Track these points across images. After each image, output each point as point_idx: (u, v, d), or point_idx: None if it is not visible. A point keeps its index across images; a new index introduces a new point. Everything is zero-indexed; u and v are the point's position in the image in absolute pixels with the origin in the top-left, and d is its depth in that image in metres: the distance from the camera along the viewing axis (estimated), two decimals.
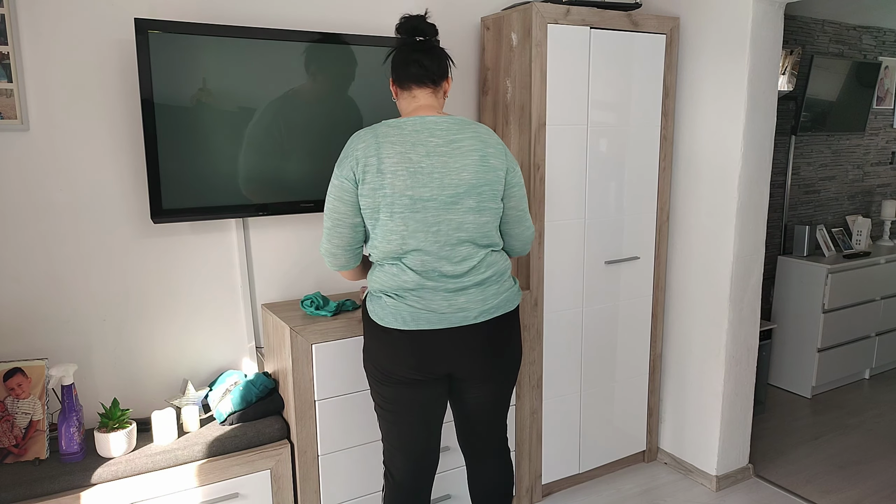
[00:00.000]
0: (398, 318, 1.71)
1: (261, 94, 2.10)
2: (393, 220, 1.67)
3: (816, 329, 3.60)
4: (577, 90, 2.44)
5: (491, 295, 1.76)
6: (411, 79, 1.76)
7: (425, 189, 1.67)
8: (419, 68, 1.75)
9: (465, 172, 1.69)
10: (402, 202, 1.66)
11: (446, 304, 1.71)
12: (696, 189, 2.67)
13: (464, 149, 1.70)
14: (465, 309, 1.73)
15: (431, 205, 1.68)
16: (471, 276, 1.73)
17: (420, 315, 1.71)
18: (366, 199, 1.68)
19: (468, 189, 1.70)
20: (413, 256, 1.70)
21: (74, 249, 2.04)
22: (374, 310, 1.76)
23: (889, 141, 4.43)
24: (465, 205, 1.70)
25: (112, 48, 2.00)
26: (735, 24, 2.45)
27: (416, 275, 1.70)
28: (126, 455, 1.90)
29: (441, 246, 1.70)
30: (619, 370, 2.78)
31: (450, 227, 1.70)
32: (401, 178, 1.66)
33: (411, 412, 1.81)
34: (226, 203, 2.11)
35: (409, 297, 1.71)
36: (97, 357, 2.11)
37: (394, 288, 1.72)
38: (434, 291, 1.71)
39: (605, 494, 2.71)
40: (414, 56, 1.75)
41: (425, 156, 1.67)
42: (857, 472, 2.89)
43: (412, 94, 1.78)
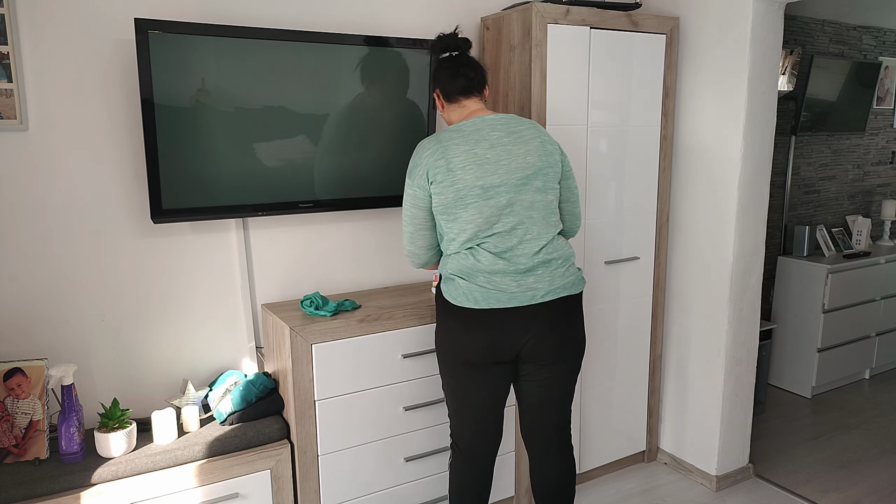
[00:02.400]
0: (470, 298, 1.83)
1: (261, 95, 2.10)
2: (468, 211, 1.82)
3: (816, 329, 3.60)
4: (577, 90, 2.44)
5: (558, 276, 1.88)
6: (459, 91, 1.93)
7: (494, 177, 1.82)
8: (466, 80, 1.92)
9: (530, 156, 1.85)
10: (474, 193, 1.81)
11: (515, 284, 1.82)
12: (696, 189, 2.67)
13: (525, 136, 1.87)
14: (534, 288, 1.84)
15: (503, 189, 1.82)
16: (540, 256, 1.85)
17: (491, 295, 1.82)
18: (439, 196, 1.83)
19: (535, 171, 1.85)
20: (488, 241, 1.83)
21: (74, 249, 2.04)
22: (448, 290, 1.88)
23: (889, 141, 4.43)
24: (534, 185, 1.85)
25: (112, 48, 2.00)
26: (735, 24, 2.45)
27: (490, 257, 1.82)
28: (126, 455, 1.90)
29: (514, 227, 1.83)
30: (619, 370, 2.78)
31: (522, 207, 1.84)
32: (470, 171, 1.81)
33: (479, 393, 1.92)
34: (226, 203, 2.11)
35: (480, 279, 1.83)
36: (97, 357, 2.11)
37: (467, 270, 1.84)
38: (504, 274, 1.82)
39: (605, 494, 2.71)
40: (460, 70, 1.92)
41: (489, 148, 1.83)
42: (857, 471, 2.89)
43: (461, 105, 1.94)
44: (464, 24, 2.60)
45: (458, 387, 1.95)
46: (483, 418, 1.96)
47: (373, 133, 2.32)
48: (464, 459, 2.02)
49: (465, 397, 1.95)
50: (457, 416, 2.00)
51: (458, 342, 1.88)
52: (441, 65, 1.96)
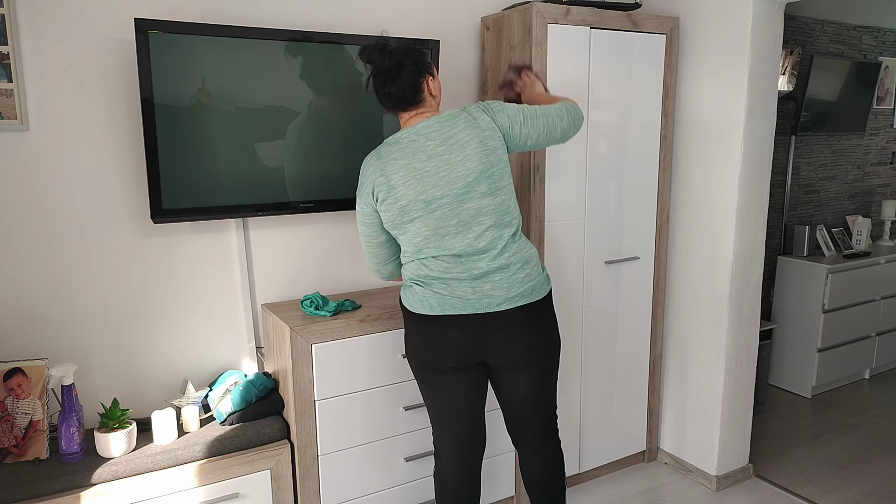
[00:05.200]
0: (425, 304, 1.81)
1: (261, 95, 2.10)
2: (414, 225, 1.79)
3: (816, 329, 3.60)
4: (577, 90, 2.44)
5: (517, 282, 1.81)
6: (390, 108, 1.86)
7: (435, 189, 1.76)
8: (389, 99, 1.83)
9: (469, 162, 1.76)
10: (417, 207, 1.77)
11: (471, 290, 1.79)
12: (696, 189, 2.67)
13: (461, 141, 1.77)
14: (490, 295, 1.80)
15: (445, 201, 1.76)
16: (496, 261, 1.79)
17: (445, 301, 1.80)
18: (386, 213, 1.81)
19: (477, 176, 1.77)
20: (438, 251, 1.80)
21: (74, 249, 2.04)
22: (406, 297, 1.88)
23: (889, 141, 4.43)
24: (478, 190, 1.77)
25: (112, 48, 2.00)
26: (735, 24, 2.45)
27: (442, 265, 1.80)
28: (126, 455, 1.90)
29: (464, 235, 1.78)
30: (619, 370, 2.78)
31: (469, 215, 1.78)
32: (410, 186, 1.76)
33: (450, 398, 1.91)
34: (226, 203, 2.11)
35: (435, 285, 1.81)
36: (97, 357, 2.11)
37: (422, 277, 1.82)
38: (460, 280, 1.79)
39: (605, 494, 2.71)
40: (384, 89, 1.81)
41: (427, 160, 1.76)
42: (857, 472, 2.89)
43: (399, 116, 1.88)
44: (464, 24, 2.60)
45: (427, 393, 1.94)
46: (457, 422, 1.93)
47: (372, 132, 2.32)
48: (443, 465, 1.99)
49: (436, 403, 1.94)
50: (434, 421, 1.98)
51: (419, 348, 1.87)
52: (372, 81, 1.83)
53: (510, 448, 2.47)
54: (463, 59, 2.62)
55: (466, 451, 1.97)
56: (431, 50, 2.35)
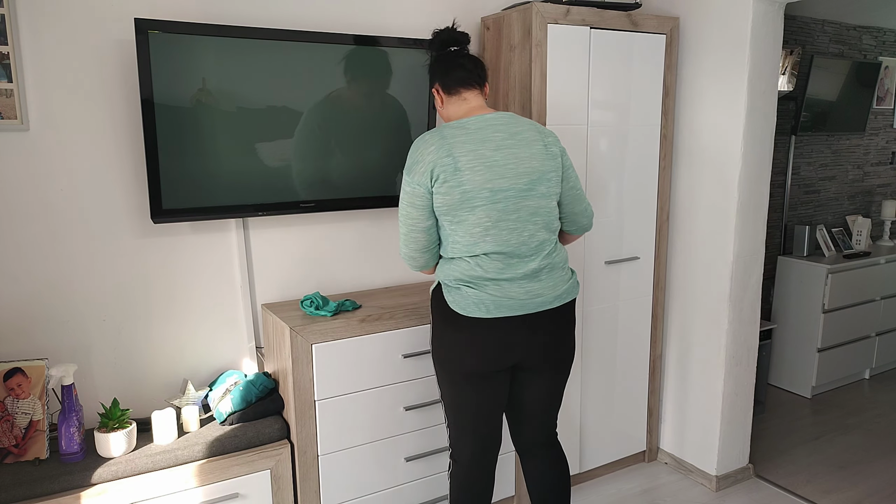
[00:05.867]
0: (481, 307, 1.77)
1: (261, 95, 2.10)
2: (475, 214, 1.75)
3: (816, 329, 3.60)
4: (577, 90, 2.44)
5: (560, 281, 1.86)
6: (459, 82, 1.86)
7: (503, 180, 1.76)
8: (465, 71, 1.86)
9: (534, 161, 1.80)
10: (482, 195, 1.75)
11: (523, 290, 1.79)
12: (697, 189, 2.67)
13: (527, 139, 1.81)
14: (541, 294, 1.81)
15: (510, 194, 1.77)
16: (545, 261, 1.82)
17: (501, 303, 1.77)
18: (444, 197, 1.75)
19: (539, 176, 1.80)
20: (492, 247, 1.77)
21: (74, 249, 2.04)
22: (454, 300, 1.80)
23: (889, 141, 4.43)
24: (539, 190, 1.81)
25: (112, 48, 2.00)
26: (735, 24, 2.45)
27: (496, 264, 1.77)
28: (126, 455, 1.90)
29: (520, 232, 1.79)
30: (619, 370, 2.78)
31: (527, 212, 1.79)
32: (479, 172, 1.74)
33: (487, 402, 1.87)
34: (226, 203, 2.11)
35: (489, 287, 1.78)
36: (97, 357, 2.11)
37: (475, 278, 1.78)
38: (512, 281, 1.78)
39: (605, 494, 2.71)
40: (459, 61, 1.87)
41: (495, 150, 1.77)
42: (857, 472, 2.89)
43: (462, 98, 1.87)
44: (464, 24, 2.60)
45: (460, 397, 1.88)
46: (486, 426, 1.91)
47: (373, 133, 2.32)
48: (467, 471, 1.95)
49: (468, 407, 1.89)
50: (458, 426, 1.93)
51: (464, 353, 1.82)
52: (440, 58, 1.91)
53: (510, 448, 2.46)
54: None
55: (488, 453, 1.96)
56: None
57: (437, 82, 1.90)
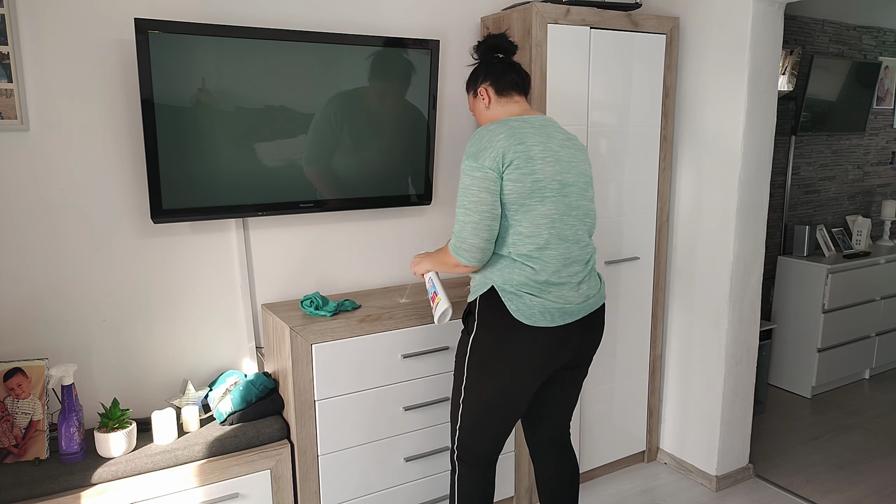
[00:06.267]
0: (546, 316, 1.76)
1: (261, 95, 2.10)
2: (544, 205, 1.75)
3: (816, 329, 3.60)
4: (577, 90, 2.44)
5: (598, 283, 1.90)
6: (512, 86, 1.90)
7: (569, 175, 1.80)
8: (519, 77, 1.91)
9: (585, 165, 1.87)
10: (552, 186, 1.76)
11: (576, 294, 1.80)
12: (697, 189, 2.67)
13: (578, 146, 1.88)
14: (589, 297, 1.84)
15: (574, 189, 1.81)
16: (590, 264, 1.86)
17: (565, 310, 1.78)
18: (515, 184, 1.72)
19: (589, 180, 1.87)
20: (555, 241, 1.76)
21: (74, 249, 2.04)
22: (519, 308, 1.75)
23: (889, 141, 4.43)
24: (589, 194, 1.87)
25: (112, 48, 2.00)
26: (735, 24, 2.45)
27: (555, 263, 1.76)
28: (126, 455, 1.90)
29: (576, 230, 1.81)
30: (619, 370, 2.78)
31: (581, 213, 1.83)
32: (550, 164, 1.76)
33: (519, 404, 1.86)
34: (226, 203, 2.11)
35: (551, 292, 1.76)
36: (97, 357, 2.11)
37: (537, 283, 1.76)
38: (569, 286, 1.79)
39: (605, 494, 2.71)
40: (513, 66, 1.92)
41: (560, 147, 1.81)
42: (857, 472, 2.89)
43: (513, 100, 1.90)
44: (464, 23, 2.60)
45: (499, 401, 1.83)
46: (510, 427, 1.90)
47: (373, 133, 2.32)
48: (479, 472, 1.93)
49: (502, 409, 1.85)
50: (480, 427, 1.88)
51: (519, 359, 1.78)
52: (492, 60, 1.93)
53: (510, 448, 2.46)
54: (463, 59, 2.62)
55: (499, 453, 1.96)
56: (431, 50, 2.35)
57: (488, 82, 1.91)
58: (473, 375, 1.86)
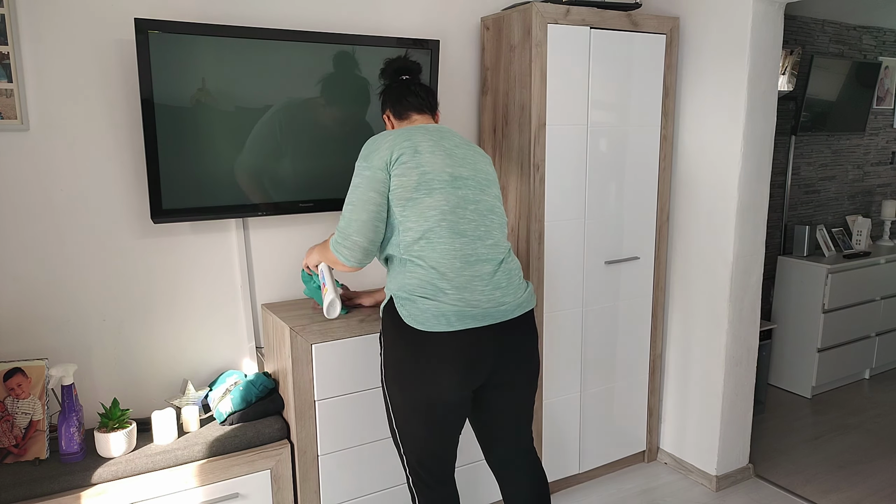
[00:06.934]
0: (441, 320, 1.64)
1: (261, 95, 2.10)
2: (432, 197, 1.68)
3: (816, 329, 3.60)
4: (577, 90, 2.44)
5: (519, 287, 1.78)
6: (411, 108, 1.88)
7: (463, 169, 1.75)
8: (418, 98, 1.88)
9: (486, 166, 1.83)
10: (441, 178, 1.71)
11: (485, 297, 1.68)
12: (696, 189, 2.67)
13: (479, 151, 1.85)
14: (504, 303, 1.71)
15: (472, 183, 1.75)
16: (503, 266, 1.74)
17: (465, 312, 1.65)
18: (401, 178, 1.68)
19: (494, 181, 1.83)
20: (448, 234, 1.67)
21: (74, 249, 2.04)
22: (411, 313, 1.66)
23: (889, 141, 4.43)
24: (492, 192, 1.80)
25: (112, 48, 2.00)
26: (735, 24, 2.45)
27: (453, 262, 1.66)
28: (126, 455, 1.90)
29: (477, 226, 1.73)
30: (619, 370, 2.78)
31: (485, 208, 1.76)
32: (439, 157, 1.72)
33: (444, 430, 1.76)
34: (226, 203, 2.11)
35: (449, 294, 1.65)
36: (97, 357, 2.11)
37: (429, 285, 1.66)
38: (472, 287, 1.66)
39: (605, 494, 2.71)
40: (412, 89, 1.89)
41: (455, 147, 1.78)
42: (857, 472, 2.89)
43: (411, 121, 1.88)
44: (464, 24, 2.60)
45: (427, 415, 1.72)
46: (449, 451, 1.81)
47: (373, 133, 2.32)
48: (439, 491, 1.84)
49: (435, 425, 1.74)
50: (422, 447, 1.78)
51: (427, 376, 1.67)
52: (391, 86, 1.92)
53: None
54: (463, 59, 2.62)
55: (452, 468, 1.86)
56: (431, 50, 2.35)
57: (388, 108, 1.92)
58: (395, 395, 1.76)
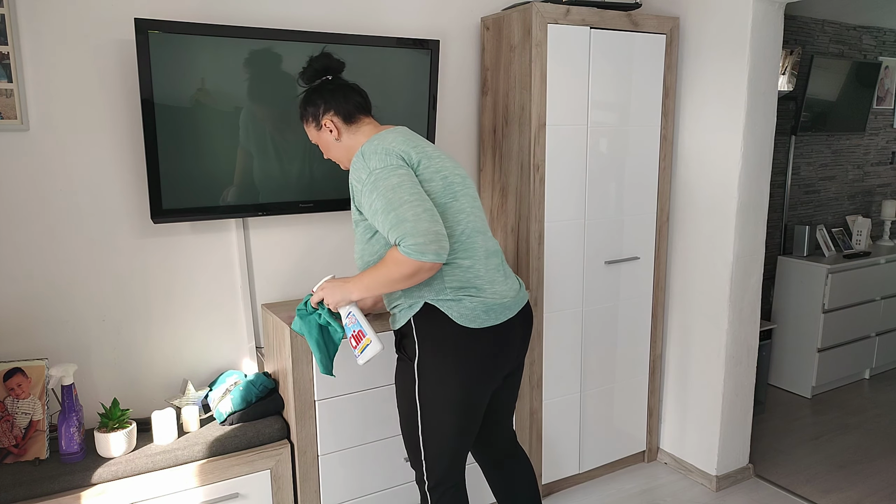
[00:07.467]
0: (491, 314, 1.64)
1: (261, 95, 2.09)
2: (458, 200, 1.66)
3: (816, 329, 3.60)
4: (577, 90, 2.44)
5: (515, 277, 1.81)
6: (358, 109, 1.75)
7: (459, 169, 1.73)
8: (360, 97, 1.76)
9: None
10: (456, 179, 1.68)
11: (506, 288, 1.71)
12: (696, 189, 2.67)
13: None
14: (518, 292, 1.75)
15: (469, 182, 1.74)
16: (502, 257, 1.77)
17: (503, 304, 1.67)
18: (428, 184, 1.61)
19: None
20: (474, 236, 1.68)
21: (74, 249, 2.04)
22: (462, 313, 1.62)
23: (889, 141, 4.43)
24: None
25: (112, 48, 2.00)
26: (735, 24, 2.45)
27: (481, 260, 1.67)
28: (126, 455, 1.90)
29: (483, 221, 1.74)
30: (619, 370, 2.78)
31: (479, 205, 1.76)
32: (444, 159, 1.69)
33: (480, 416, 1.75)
34: (226, 203, 2.11)
35: (486, 290, 1.65)
36: (97, 357, 2.11)
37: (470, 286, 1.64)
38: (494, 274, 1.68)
39: (605, 494, 2.71)
40: (352, 87, 1.75)
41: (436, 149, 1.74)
42: (857, 472, 2.89)
43: (364, 123, 1.76)
44: (464, 24, 2.60)
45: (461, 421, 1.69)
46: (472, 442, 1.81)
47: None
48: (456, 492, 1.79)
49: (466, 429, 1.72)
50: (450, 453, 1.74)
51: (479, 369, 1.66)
52: (324, 87, 1.74)
53: None
54: (463, 59, 2.62)
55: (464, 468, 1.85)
56: (431, 50, 2.35)
57: (331, 111, 1.72)
58: (428, 404, 1.69)
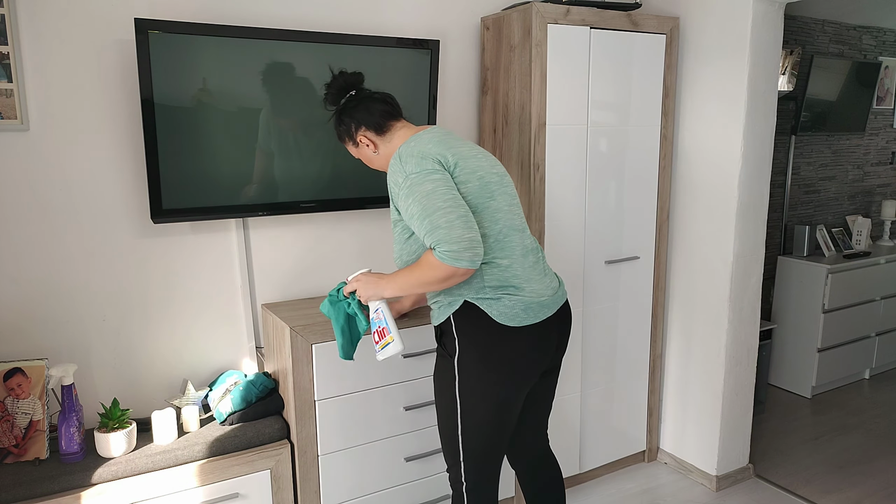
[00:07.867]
0: (529, 313, 1.65)
1: (261, 95, 2.09)
2: (495, 200, 1.66)
3: (816, 329, 3.60)
4: (577, 90, 2.44)
5: (555, 275, 1.81)
6: (386, 116, 1.76)
7: (497, 167, 1.73)
8: (387, 105, 1.77)
9: None
10: (493, 179, 1.67)
11: (544, 286, 1.71)
12: (696, 189, 2.67)
13: None
14: (556, 290, 1.75)
15: (507, 180, 1.73)
16: (541, 254, 1.78)
17: (542, 303, 1.68)
18: (465, 185, 1.61)
19: None
20: (511, 234, 1.68)
21: (74, 249, 2.04)
22: (502, 311, 1.63)
23: (889, 141, 4.43)
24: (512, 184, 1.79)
25: (112, 48, 2.00)
26: (735, 24, 2.45)
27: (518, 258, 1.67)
28: (126, 455, 1.90)
29: (521, 219, 1.74)
30: (619, 370, 2.78)
31: (517, 202, 1.75)
32: (481, 159, 1.69)
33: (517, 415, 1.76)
34: (226, 203, 2.11)
35: (525, 289, 1.65)
36: (97, 357, 2.11)
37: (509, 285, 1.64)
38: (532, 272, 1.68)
39: (605, 494, 2.71)
40: (374, 97, 1.77)
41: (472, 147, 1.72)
42: (857, 472, 2.89)
43: (397, 127, 1.77)
44: (464, 24, 2.60)
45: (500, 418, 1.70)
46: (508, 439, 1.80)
47: None
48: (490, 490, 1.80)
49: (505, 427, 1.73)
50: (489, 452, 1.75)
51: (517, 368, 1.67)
52: (347, 105, 1.77)
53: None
54: (463, 59, 2.62)
55: None
56: (431, 50, 2.35)
57: (361, 127, 1.76)
58: (468, 401, 1.70)
